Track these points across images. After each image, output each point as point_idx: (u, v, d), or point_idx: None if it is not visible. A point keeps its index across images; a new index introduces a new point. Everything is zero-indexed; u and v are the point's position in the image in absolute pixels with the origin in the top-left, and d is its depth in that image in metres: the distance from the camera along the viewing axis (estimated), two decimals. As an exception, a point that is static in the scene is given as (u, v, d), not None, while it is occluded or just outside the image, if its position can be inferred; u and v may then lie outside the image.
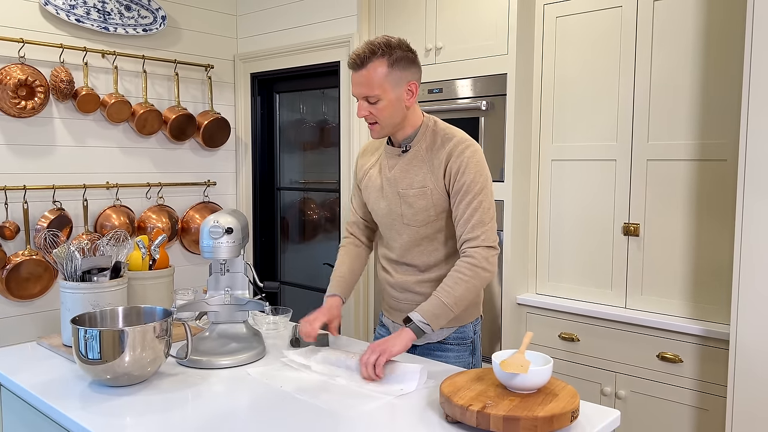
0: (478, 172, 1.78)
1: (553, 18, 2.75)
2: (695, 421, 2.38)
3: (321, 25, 3.42)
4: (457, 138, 1.83)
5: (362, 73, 1.75)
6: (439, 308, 1.73)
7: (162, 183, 3.55)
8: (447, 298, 1.74)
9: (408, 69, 1.79)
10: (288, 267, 4.02)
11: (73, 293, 1.90)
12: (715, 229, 2.40)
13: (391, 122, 1.81)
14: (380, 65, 1.74)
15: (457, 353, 1.93)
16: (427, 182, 1.82)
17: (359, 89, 1.77)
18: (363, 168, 2.01)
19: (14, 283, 2.99)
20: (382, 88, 1.75)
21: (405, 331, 1.72)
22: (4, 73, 2.91)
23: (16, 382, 1.67)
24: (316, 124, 3.78)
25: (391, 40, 1.76)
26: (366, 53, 1.74)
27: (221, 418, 1.44)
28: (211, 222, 1.85)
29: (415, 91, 1.81)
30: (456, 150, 1.80)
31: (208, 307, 1.91)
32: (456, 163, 1.79)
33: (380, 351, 1.67)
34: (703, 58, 2.39)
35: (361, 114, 1.80)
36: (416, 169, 1.84)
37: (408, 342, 1.71)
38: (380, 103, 1.76)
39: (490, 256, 1.77)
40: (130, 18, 3.37)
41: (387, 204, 1.90)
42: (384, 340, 1.71)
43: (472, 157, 1.79)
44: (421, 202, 1.83)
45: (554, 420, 1.32)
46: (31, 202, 3.07)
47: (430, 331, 1.74)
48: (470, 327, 1.95)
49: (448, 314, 1.74)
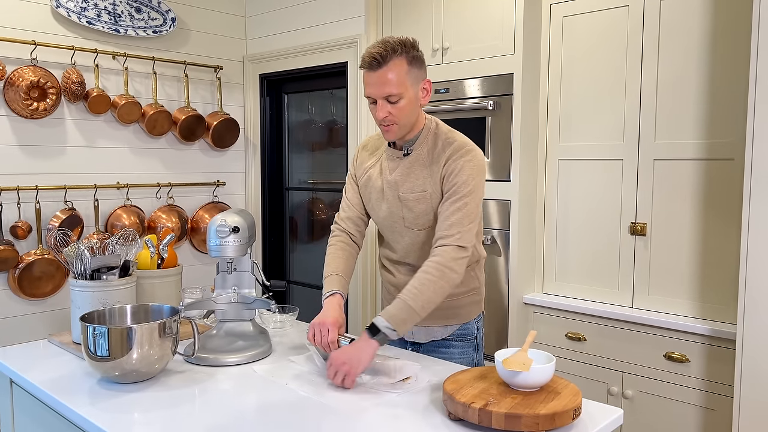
0: (470, 176, 1.75)
1: (559, 18, 2.76)
2: (702, 420, 2.37)
3: (329, 26, 3.44)
4: (457, 143, 1.81)
5: (382, 72, 1.70)
6: (406, 312, 1.64)
7: (172, 183, 3.58)
8: (414, 301, 1.64)
9: (422, 68, 1.78)
10: (296, 266, 4.04)
11: (82, 291, 1.93)
12: (722, 229, 2.39)
13: (409, 122, 1.78)
14: (401, 63, 1.70)
15: (461, 350, 1.95)
16: (427, 187, 1.81)
17: (380, 89, 1.71)
18: (363, 165, 1.97)
19: (26, 281, 3.03)
20: (404, 86, 1.71)
21: (368, 343, 1.62)
22: (16, 74, 2.95)
23: (27, 379, 1.70)
24: (324, 124, 3.80)
25: (405, 39, 1.73)
26: (386, 51, 1.69)
27: (228, 415, 1.46)
28: (218, 221, 1.87)
29: (429, 90, 1.80)
30: (455, 154, 1.78)
31: (216, 306, 1.93)
32: (452, 166, 1.77)
33: (345, 372, 1.58)
34: (709, 57, 2.38)
35: (381, 115, 1.74)
36: (417, 173, 1.83)
37: (373, 353, 1.62)
38: (401, 102, 1.72)
39: (458, 257, 1.70)
40: (140, 20, 3.40)
41: (388, 207, 1.89)
42: (347, 356, 1.60)
43: (470, 161, 1.77)
44: (420, 207, 1.82)
45: (556, 418, 1.33)
46: (43, 202, 3.11)
47: (396, 336, 1.64)
48: (473, 323, 1.97)
49: (415, 318, 1.65)
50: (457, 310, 1.93)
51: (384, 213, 1.90)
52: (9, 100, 2.97)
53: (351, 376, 1.58)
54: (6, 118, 3.01)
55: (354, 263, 1.95)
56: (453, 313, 1.93)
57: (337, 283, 1.86)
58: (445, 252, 1.69)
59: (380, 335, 1.63)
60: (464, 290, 1.93)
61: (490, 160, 2.84)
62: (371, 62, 1.70)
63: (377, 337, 1.63)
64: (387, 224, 1.92)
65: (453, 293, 1.89)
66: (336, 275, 1.88)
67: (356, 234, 1.98)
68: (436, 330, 1.94)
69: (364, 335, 1.64)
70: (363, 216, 1.99)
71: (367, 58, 1.71)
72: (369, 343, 1.62)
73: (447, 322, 1.93)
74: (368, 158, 1.97)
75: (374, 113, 1.76)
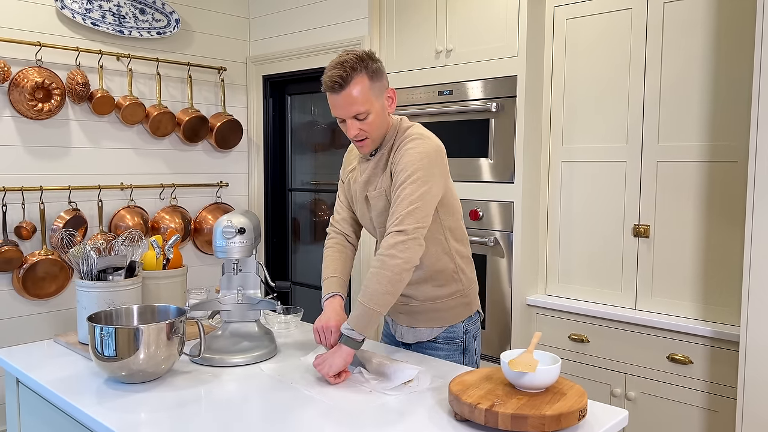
0: (409, 162, 1.72)
1: (563, 20, 2.76)
2: (705, 422, 2.38)
3: (332, 27, 3.45)
4: (406, 133, 1.79)
5: (346, 93, 1.70)
6: (359, 309, 1.68)
7: (175, 184, 3.59)
8: (363, 296, 1.68)
9: (382, 78, 1.77)
10: (299, 267, 4.05)
11: (89, 292, 1.93)
12: (725, 231, 2.40)
13: (380, 134, 1.80)
14: (362, 80, 1.70)
15: (446, 353, 1.92)
16: (384, 183, 1.81)
17: (347, 109, 1.72)
18: (347, 169, 2.00)
19: (30, 282, 3.04)
20: (369, 101, 1.72)
21: (339, 348, 1.68)
22: (21, 75, 2.96)
23: (33, 379, 1.71)
24: (327, 125, 3.81)
25: (361, 54, 1.73)
26: (345, 72, 1.69)
27: (234, 415, 1.47)
28: (224, 222, 1.88)
29: (394, 98, 1.81)
30: (401, 148, 1.76)
31: (221, 306, 1.94)
32: (396, 156, 1.77)
33: (324, 374, 1.66)
34: (713, 60, 2.39)
35: (353, 133, 1.75)
36: (379, 171, 1.84)
37: (346, 356, 1.66)
38: (369, 117, 1.73)
39: (396, 242, 1.66)
40: (144, 21, 3.41)
41: (360, 208, 1.92)
42: (322, 359, 1.67)
43: (411, 148, 1.74)
44: (380, 204, 1.83)
45: (562, 418, 1.34)
46: (47, 203, 3.12)
47: (359, 336, 1.67)
48: (460, 326, 1.93)
49: (370, 313, 1.66)
50: (440, 313, 1.91)
51: (360, 214, 1.95)
52: (14, 101, 2.98)
53: (327, 376, 1.65)
54: (11, 118, 3.02)
55: (351, 263, 2.00)
56: (437, 316, 1.91)
57: (335, 284, 1.91)
58: (384, 242, 1.70)
59: (343, 338, 1.68)
60: (447, 293, 1.90)
61: (494, 162, 2.84)
62: (333, 85, 1.71)
63: (341, 340, 1.69)
64: (365, 225, 1.96)
65: (435, 296, 1.89)
66: (334, 277, 1.93)
67: (351, 235, 2.03)
68: (422, 331, 1.94)
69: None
70: (355, 216, 2.03)
71: (328, 81, 1.71)
72: (339, 348, 1.68)
73: (432, 324, 1.92)
74: (352, 162, 1.99)
75: (346, 132, 1.78)
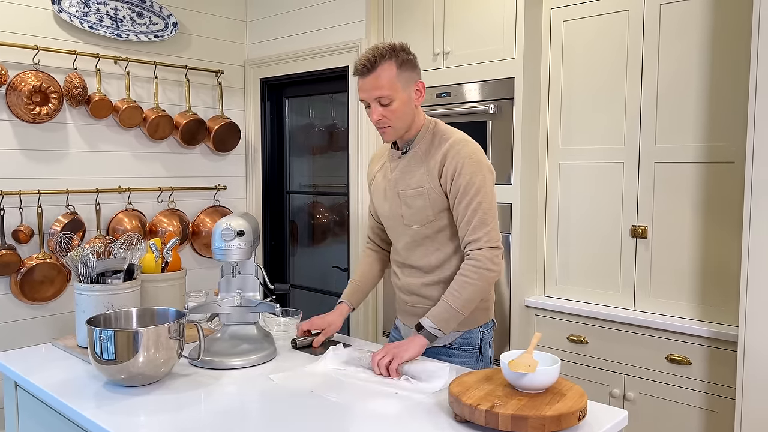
0: (474, 173, 1.79)
1: (560, 22, 2.77)
2: (704, 423, 2.38)
3: (330, 30, 3.45)
4: (453, 138, 1.84)
5: (373, 77, 1.77)
6: (448, 312, 1.78)
7: (173, 187, 3.59)
8: (455, 301, 1.78)
9: (413, 70, 1.84)
10: (297, 270, 4.04)
11: (87, 295, 1.93)
12: (722, 231, 2.41)
13: (403, 124, 1.84)
14: (390, 67, 1.77)
15: (462, 359, 1.92)
16: (424, 182, 1.84)
17: (370, 92, 1.79)
18: (371, 173, 2.06)
19: (28, 286, 3.03)
20: (394, 88, 1.78)
21: (417, 338, 1.78)
22: (19, 79, 2.96)
23: (32, 382, 1.71)
24: (325, 128, 3.81)
25: (394, 44, 1.81)
26: (374, 57, 1.77)
27: (233, 417, 1.47)
28: (223, 225, 1.88)
29: (422, 91, 1.86)
30: (452, 151, 1.82)
31: (220, 309, 1.94)
32: (452, 164, 1.80)
33: (393, 355, 1.73)
34: (710, 61, 2.40)
35: (375, 117, 1.81)
36: (414, 169, 1.87)
37: (420, 348, 1.77)
38: (393, 104, 1.79)
39: (494, 257, 1.79)
40: (141, 25, 3.41)
41: (389, 205, 1.94)
42: (398, 344, 1.77)
43: (469, 157, 1.80)
44: (418, 202, 1.86)
45: (562, 419, 1.34)
46: (45, 207, 3.12)
47: (442, 335, 1.79)
48: (477, 332, 1.93)
49: (458, 317, 1.79)
50: None
51: (386, 212, 1.96)
52: (11, 105, 2.98)
53: (397, 359, 1.72)
54: (8, 122, 3.01)
55: (379, 267, 2.16)
56: None
57: (348, 293, 2.12)
58: (480, 255, 1.79)
59: (424, 331, 1.78)
60: None
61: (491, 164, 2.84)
62: (361, 68, 1.79)
63: (422, 332, 1.78)
64: (390, 224, 1.97)
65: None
66: (354, 281, 2.13)
67: (378, 241, 2.17)
68: None
69: (414, 333, 1.81)
70: (382, 226, 2.12)
71: (357, 65, 1.80)
72: (417, 337, 1.78)
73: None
74: (377, 164, 2.05)
75: (370, 116, 1.84)
